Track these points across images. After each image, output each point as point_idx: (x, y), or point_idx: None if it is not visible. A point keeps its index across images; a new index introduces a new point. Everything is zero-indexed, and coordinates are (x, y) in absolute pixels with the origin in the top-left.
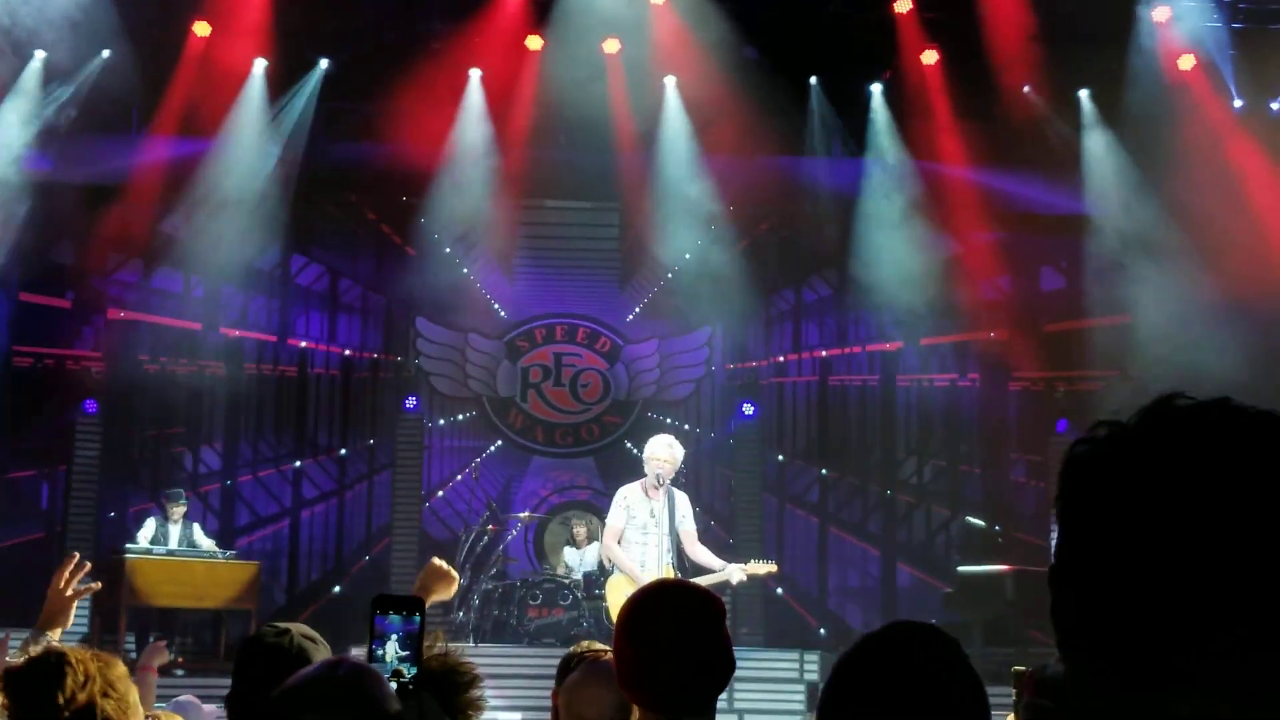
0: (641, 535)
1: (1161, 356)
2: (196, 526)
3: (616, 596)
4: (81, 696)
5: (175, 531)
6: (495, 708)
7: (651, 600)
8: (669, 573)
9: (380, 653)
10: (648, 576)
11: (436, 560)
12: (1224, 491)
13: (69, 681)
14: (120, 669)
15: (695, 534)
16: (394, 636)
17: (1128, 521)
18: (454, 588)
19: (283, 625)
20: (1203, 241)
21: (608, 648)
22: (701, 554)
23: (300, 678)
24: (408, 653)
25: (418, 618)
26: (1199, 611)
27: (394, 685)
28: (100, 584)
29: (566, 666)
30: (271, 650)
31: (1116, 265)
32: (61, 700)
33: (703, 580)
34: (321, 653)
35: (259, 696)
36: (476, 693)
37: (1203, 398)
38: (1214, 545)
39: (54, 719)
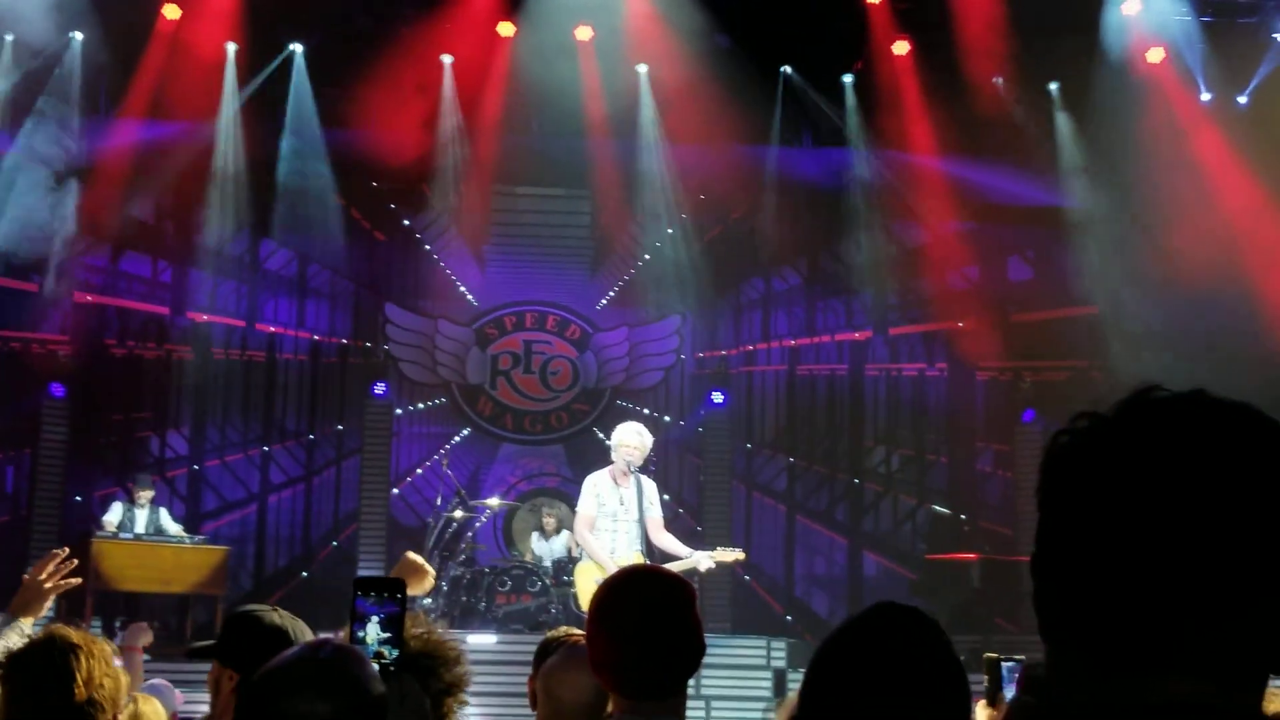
0: (611, 523)
1: (1128, 347)
2: (164, 511)
3: (585, 582)
4: (97, 678)
5: (142, 516)
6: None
7: (623, 585)
8: (639, 559)
9: (361, 635)
10: (617, 564)
11: (411, 555)
12: (1202, 480)
13: (85, 664)
14: (109, 647)
15: (661, 521)
16: (375, 619)
17: (1109, 510)
18: (429, 582)
19: (266, 606)
20: (1170, 233)
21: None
22: (667, 541)
23: (283, 660)
24: (389, 635)
25: (399, 599)
26: (1179, 597)
27: (375, 667)
28: (80, 580)
29: (545, 652)
30: (257, 628)
31: (1084, 256)
32: (79, 682)
33: (674, 567)
34: (306, 633)
35: (244, 674)
36: (460, 669)
37: (1173, 389)
38: (1192, 532)
39: (67, 702)
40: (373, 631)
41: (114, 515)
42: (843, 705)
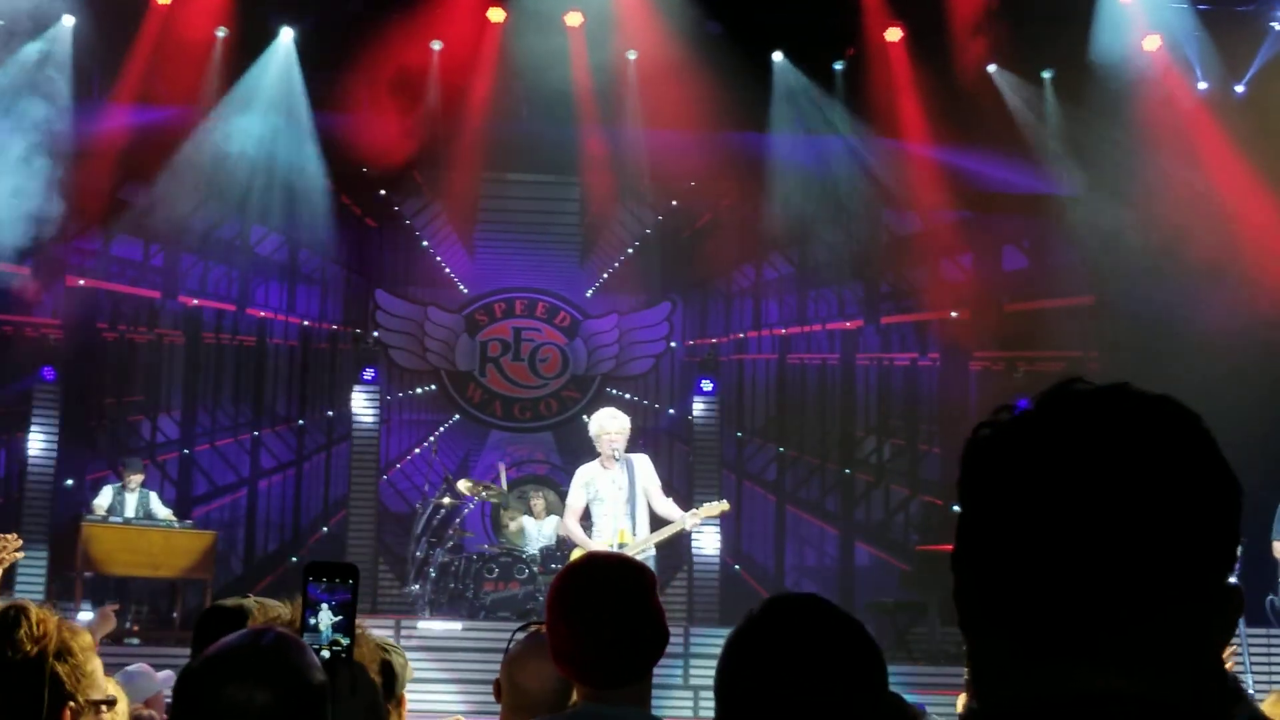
0: (610, 508)
1: (1123, 338)
2: (154, 495)
3: None
4: (31, 649)
5: (132, 500)
6: (443, 680)
7: (579, 574)
8: (624, 537)
9: (314, 621)
10: (621, 540)
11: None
12: (1120, 472)
13: (21, 632)
14: (85, 639)
15: (660, 490)
16: (326, 605)
17: (1025, 501)
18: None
19: (240, 599)
20: (1165, 222)
21: None
22: (665, 506)
23: (222, 646)
24: (341, 620)
25: (351, 585)
26: (1097, 588)
27: (328, 654)
28: (21, 553)
29: (511, 643)
30: (233, 623)
31: (1078, 245)
32: (9, 650)
33: (660, 534)
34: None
35: None
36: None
37: (1164, 378)
38: (1108, 524)
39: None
40: (325, 618)
41: (104, 499)
42: (753, 700)
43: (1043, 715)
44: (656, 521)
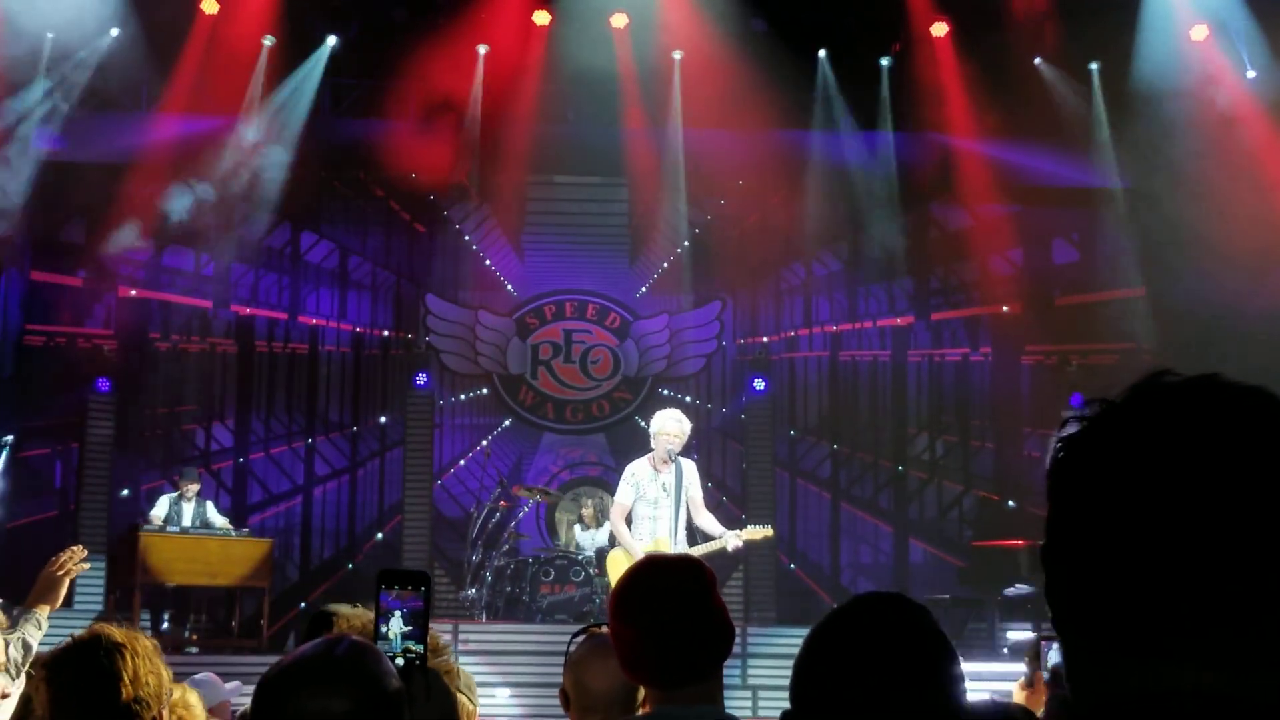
0: (653, 509)
1: (1175, 330)
2: (210, 504)
3: (617, 570)
4: (144, 676)
5: (189, 509)
6: (497, 684)
7: (640, 578)
8: (665, 545)
9: (385, 629)
10: (658, 545)
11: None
12: (1214, 465)
13: (130, 662)
14: (149, 644)
15: (702, 501)
16: (399, 613)
17: (1120, 497)
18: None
19: (345, 605)
20: (1217, 213)
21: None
22: (707, 521)
23: (297, 655)
24: (413, 629)
25: (424, 593)
26: (1191, 584)
27: (401, 662)
28: (86, 564)
29: (571, 647)
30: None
31: (1129, 237)
32: (126, 681)
33: (701, 549)
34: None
35: None
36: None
37: (1217, 370)
38: (1205, 519)
39: (114, 701)
40: (396, 625)
41: (160, 509)
42: (830, 695)
43: (1137, 712)
44: (693, 533)
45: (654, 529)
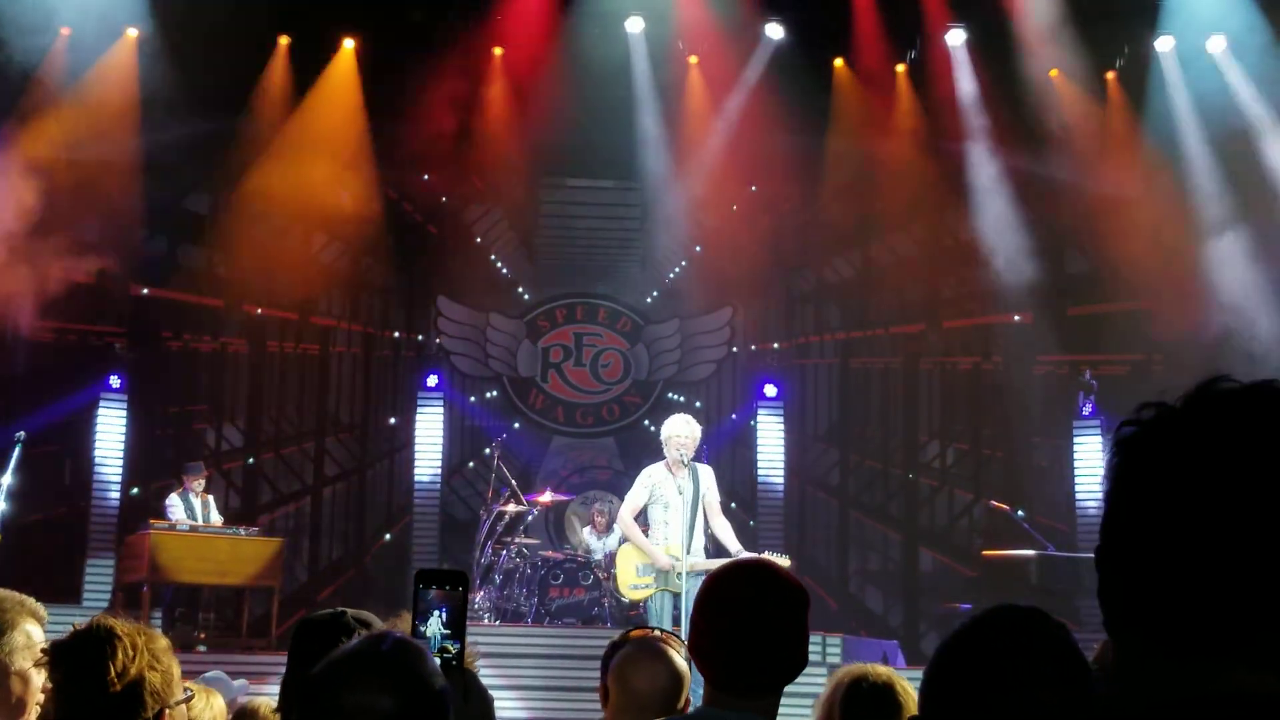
0: (664, 512)
1: (1186, 340)
2: (210, 500)
3: (626, 565)
4: (132, 669)
5: (197, 505)
6: (504, 688)
7: (736, 577)
8: (692, 552)
9: (423, 629)
10: (666, 550)
11: None
12: (1272, 470)
13: (120, 654)
14: (163, 642)
15: (719, 505)
16: (437, 612)
17: (1179, 500)
18: None
19: (335, 609)
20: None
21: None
22: (723, 529)
23: (343, 652)
24: (451, 628)
25: (461, 592)
26: (1249, 586)
27: (438, 661)
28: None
29: (615, 649)
30: (327, 632)
31: (1144, 247)
32: (113, 673)
33: (715, 562)
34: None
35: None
36: None
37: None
38: (1264, 522)
39: (103, 692)
40: (435, 625)
41: (178, 510)
42: (967, 706)
43: (1192, 714)
44: (707, 538)
45: (667, 533)
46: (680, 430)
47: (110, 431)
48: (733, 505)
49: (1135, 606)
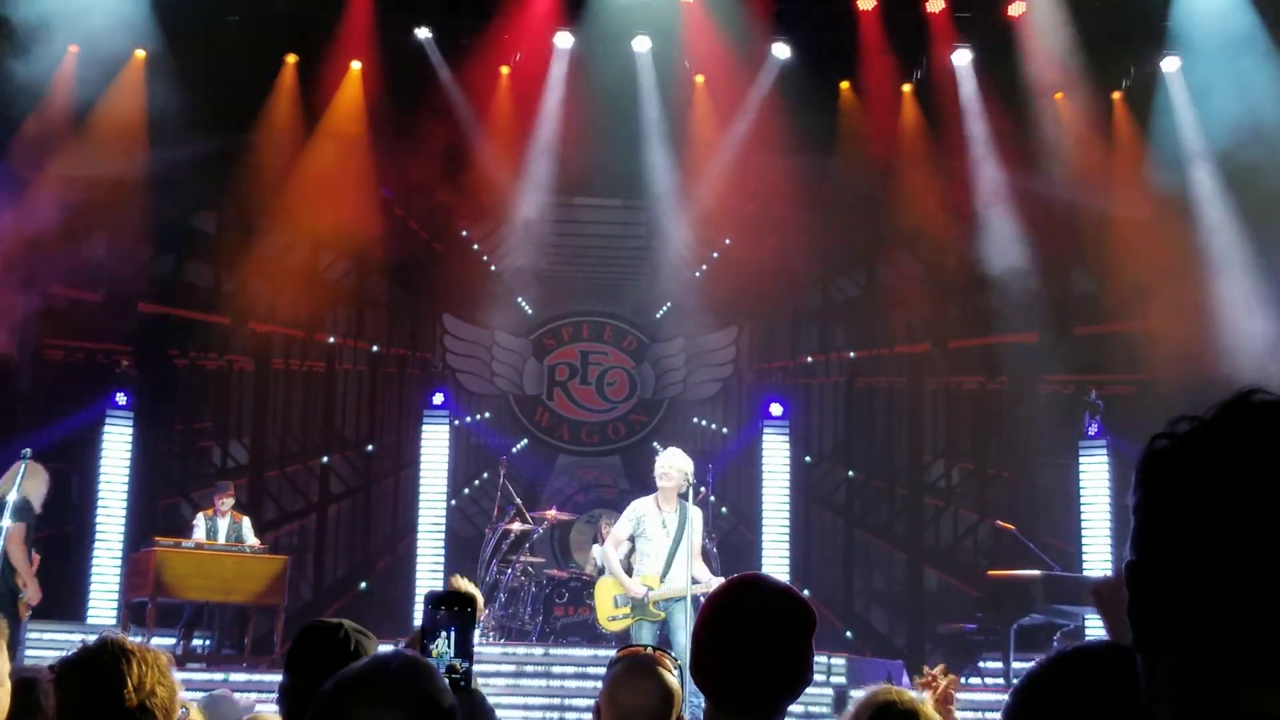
0: (647, 545)
1: (1193, 361)
2: (246, 521)
3: (604, 597)
4: (146, 685)
5: (224, 525)
6: (509, 706)
7: (740, 593)
8: (654, 581)
9: (432, 648)
10: (644, 580)
11: None
12: None
13: (135, 670)
14: (164, 659)
15: (700, 550)
16: (445, 632)
17: (1215, 515)
18: None
19: (334, 620)
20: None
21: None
22: (699, 569)
23: (352, 670)
24: (460, 648)
25: (470, 613)
26: None
27: (446, 681)
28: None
29: (610, 668)
30: (326, 641)
31: (1149, 267)
32: (129, 688)
33: (691, 589)
34: (372, 646)
35: (313, 687)
36: None
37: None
38: None
39: (118, 707)
40: (442, 645)
41: (200, 531)
42: None
43: None
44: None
45: (644, 565)
46: (663, 463)
47: (116, 449)
48: (739, 525)
49: (1169, 627)
